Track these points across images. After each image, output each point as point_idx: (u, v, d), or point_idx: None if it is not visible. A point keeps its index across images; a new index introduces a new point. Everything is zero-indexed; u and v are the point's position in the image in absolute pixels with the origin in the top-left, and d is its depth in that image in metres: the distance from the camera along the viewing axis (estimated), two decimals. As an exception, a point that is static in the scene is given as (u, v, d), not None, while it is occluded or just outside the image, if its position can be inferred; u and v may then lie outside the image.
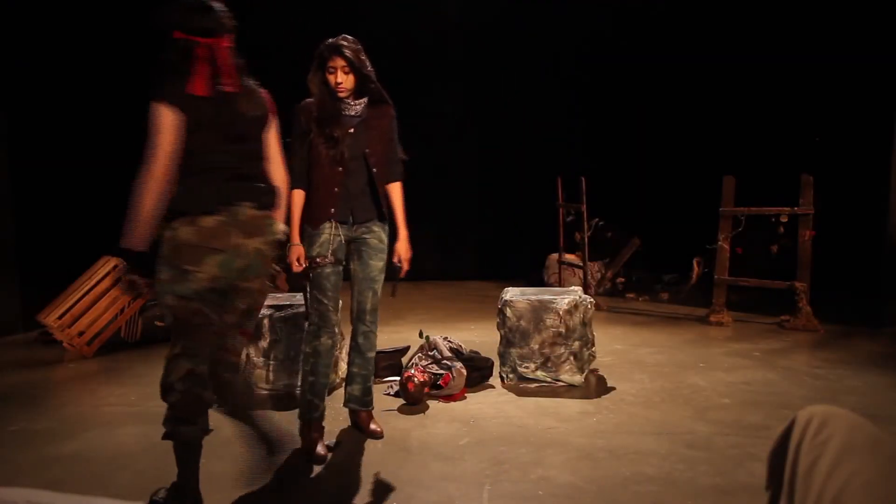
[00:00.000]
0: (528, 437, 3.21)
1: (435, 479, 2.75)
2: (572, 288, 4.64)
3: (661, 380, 4.18)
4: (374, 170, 3.07)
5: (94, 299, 5.07)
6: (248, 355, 4.03)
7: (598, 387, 4.06)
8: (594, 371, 4.34)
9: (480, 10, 8.57)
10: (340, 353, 4.24)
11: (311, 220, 3.04)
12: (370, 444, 3.15)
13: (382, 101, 3.11)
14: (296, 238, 3.00)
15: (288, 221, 2.82)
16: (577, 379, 4.03)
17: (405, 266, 3.24)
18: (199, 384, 2.37)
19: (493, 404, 3.75)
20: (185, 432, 2.39)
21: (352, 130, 3.01)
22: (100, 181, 7.99)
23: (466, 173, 8.79)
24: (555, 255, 7.57)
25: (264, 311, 3.98)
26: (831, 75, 7.01)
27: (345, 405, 3.34)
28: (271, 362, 3.97)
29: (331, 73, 2.95)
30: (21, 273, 5.80)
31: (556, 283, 7.29)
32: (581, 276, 6.88)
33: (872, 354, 4.82)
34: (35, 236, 6.24)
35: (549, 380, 4.06)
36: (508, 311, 4.15)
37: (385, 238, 3.17)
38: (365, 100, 3.05)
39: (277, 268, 2.91)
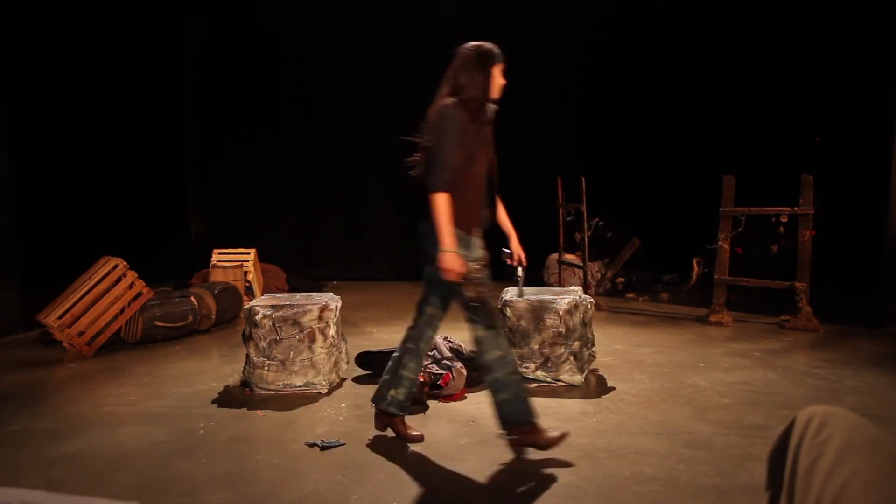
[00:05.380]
0: (528, 437, 3.21)
1: (435, 479, 2.75)
2: (572, 288, 4.64)
3: (661, 380, 4.18)
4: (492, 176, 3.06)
5: (94, 299, 5.07)
6: (247, 355, 4.03)
7: (598, 387, 4.06)
8: (594, 371, 4.34)
9: (480, 10, 8.56)
10: (341, 353, 4.24)
11: (464, 225, 2.91)
12: (370, 444, 3.15)
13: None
14: (453, 244, 2.82)
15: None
16: (577, 379, 4.03)
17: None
18: None
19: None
20: None
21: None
22: (100, 181, 7.99)
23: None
24: (555, 255, 7.57)
25: (266, 311, 3.97)
26: (831, 75, 7.01)
27: (389, 406, 3.14)
28: (271, 362, 3.96)
29: (495, 77, 2.93)
30: (21, 273, 5.80)
31: (556, 283, 7.29)
32: (581, 276, 6.88)
33: (872, 354, 4.82)
34: (35, 236, 6.23)
35: (549, 380, 4.06)
36: (508, 311, 4.15)
37: None
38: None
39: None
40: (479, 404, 3.75)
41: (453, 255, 2.80)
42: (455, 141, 2.83)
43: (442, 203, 2.81)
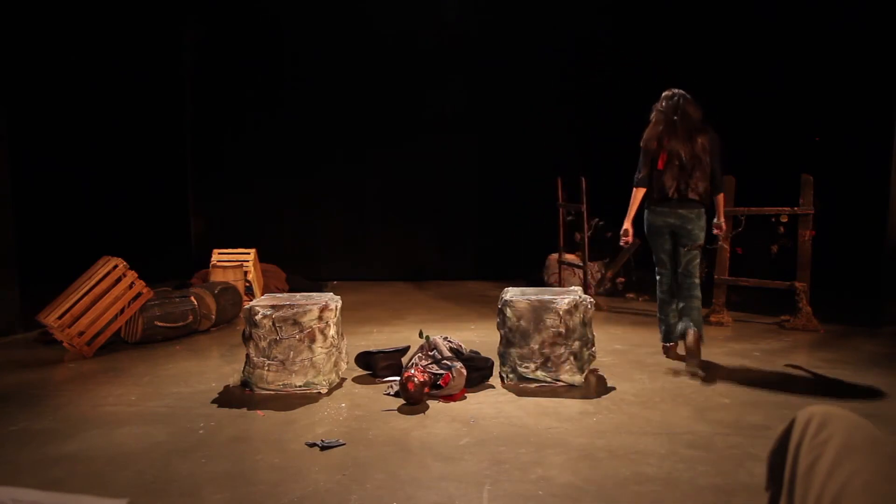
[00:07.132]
0: (528, 437, 3.21)
1: (435, 479, 2.75)
2: (572, 288, 4.64)
3: (661, 380, 4.18)
4: None
5: (94, 299, 5.07)
6: (247, 355, 4.03)
7: (598, 387, 4.06)
8: (594, 371, 4.34)
9: (480, 10, 8.57)
10: (341, 353, 4.24)
11: None
12: (370, 444, 3.15)
13: None
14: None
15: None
16: (577, 379, 4.03)
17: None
18: None
19: (493, 404, 3.75)
20: None
21: None
22: (100, 181, 7.99)
23: (466, 173, 8.79)
24: (555, 255, 7.57)
25: (266, 311, 3.97)
26: (831, 75, 7.01)
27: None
28: (271, 362, 3.96)
29: None
30: (21, 273, 5.80)
31: (556, 283, 7.29)
32: (581, 276, 6.88)
33: (872, 354, 4.82)
34: (35, 236, 6.23)
35: (549, 380, 4.06)
36: (508, 311, 4.15)
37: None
38: None
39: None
40: (479, 404, 3.75)
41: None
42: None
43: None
